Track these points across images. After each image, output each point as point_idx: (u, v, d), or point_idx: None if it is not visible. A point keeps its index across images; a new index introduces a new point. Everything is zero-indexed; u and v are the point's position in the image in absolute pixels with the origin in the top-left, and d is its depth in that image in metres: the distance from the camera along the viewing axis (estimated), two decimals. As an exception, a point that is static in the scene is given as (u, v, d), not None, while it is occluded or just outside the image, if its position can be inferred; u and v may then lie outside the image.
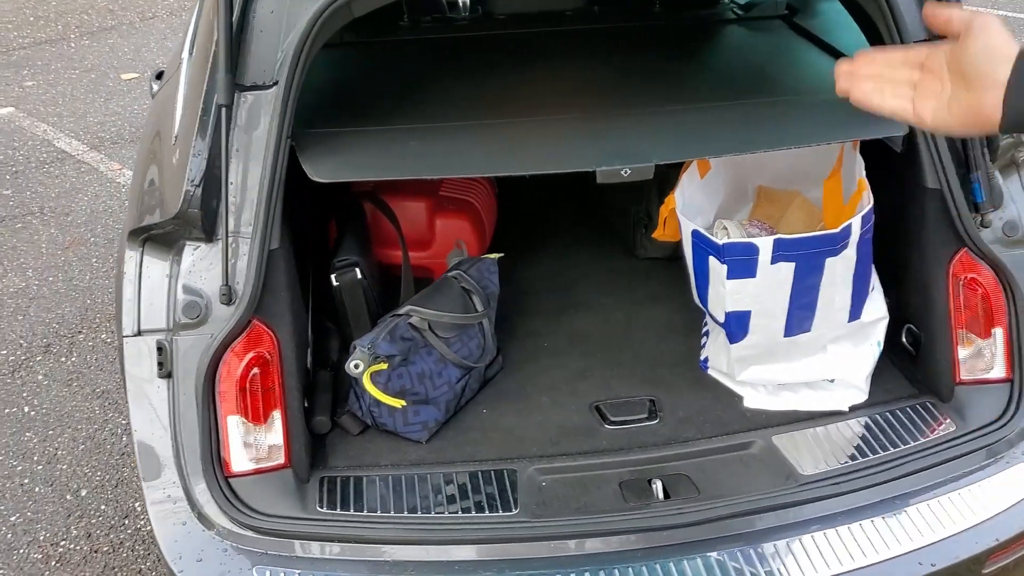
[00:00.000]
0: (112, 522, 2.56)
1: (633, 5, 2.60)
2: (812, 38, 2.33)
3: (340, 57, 2.31)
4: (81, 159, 4.77)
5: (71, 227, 4.10)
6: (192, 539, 1.61)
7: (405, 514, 1.68)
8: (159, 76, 2.61)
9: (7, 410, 2.98)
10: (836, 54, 2.19)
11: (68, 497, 2.64)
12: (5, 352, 3.25)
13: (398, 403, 1.77)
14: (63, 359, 3.23)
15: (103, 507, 2.62)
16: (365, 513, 1.68)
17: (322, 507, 1.69)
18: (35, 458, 2.78)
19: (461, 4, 2.54)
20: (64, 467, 2.75)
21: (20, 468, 2.74)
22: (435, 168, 1.78)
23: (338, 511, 1.69)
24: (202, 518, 1.62)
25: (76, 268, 3.77)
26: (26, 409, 2.98)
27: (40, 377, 3.13)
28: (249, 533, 1.62)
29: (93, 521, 2.57)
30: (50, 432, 2.88)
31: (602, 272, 2.47)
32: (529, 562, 1.61)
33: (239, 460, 1.69)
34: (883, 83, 0.93)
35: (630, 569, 1.59)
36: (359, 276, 1.98)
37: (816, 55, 2.25)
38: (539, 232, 2.68)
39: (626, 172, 1.69)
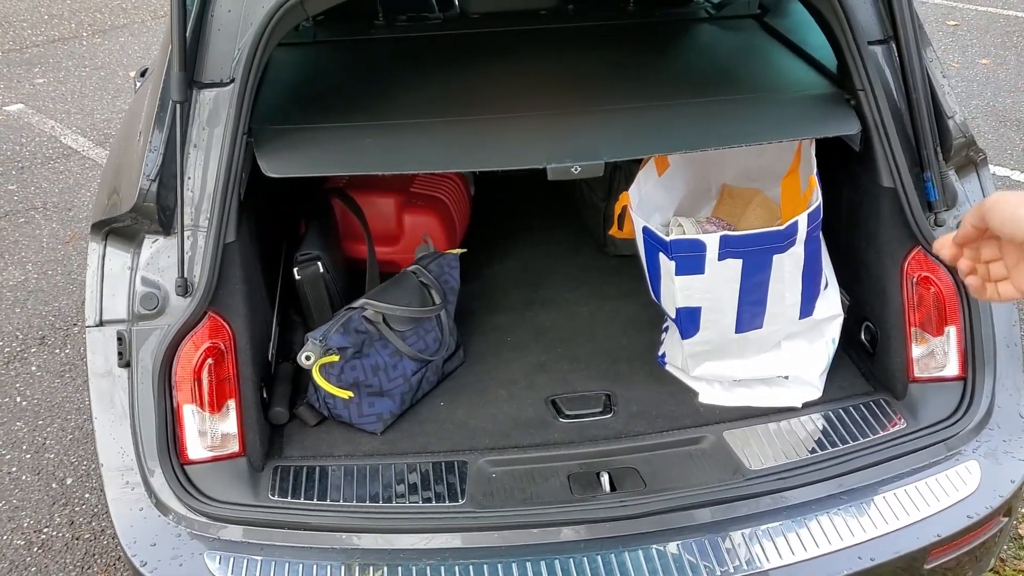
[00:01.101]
0: (95, 510, 2.62)
1: (607, 3, 2.62)
2: (781, 38, 2.34)
3: (311, 55, 2.35)
4: (86, 155, 4.85)
5: (73, 222, 4.17)
6: (148, 524, 1.65)
7: (354, 503, 1.72)
8: (143, 73, 2.66)
9: (-1, 400, 3.05)
10: (803, 54, 2.20)
11: (54, 485, 2.70)
12: (1, 343, 3.32)
13: (345, 394, 1.81)
14: (57, 351, 3.29)
15: (87, 495, 2.67)
16: (315, 502, 1.72)
17: (274, 495, 1.73)
18: (24, 447, 2.84)
19: (435, 3, 2.57)
20: (52, 456, 2.81)
21: (8, 456, 2.81)
22: (386, 164, 1.81)
23: (289, 499, 1.72)
24: (159, 504, 1.67)
25: (75, 262, 3.83)
26: (18, 399, 3.05)
27: (34, 368, 3.20)
28: (202, 519, 1.66)
29: (77, 509, 2.62)
30: (40, 422, 2.94)
31: (572, 268, 2.50)
32: (473, 551, 1.64)
33: (194, 448, 1.73)
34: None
35: (571, 560, 1.61)
36: (321, 270, 2.01)
37: (783, 55, 2.25)
38: (511, 228, 2.71)
39: (576, 169, 1.71)
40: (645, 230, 1.83)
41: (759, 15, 2.51)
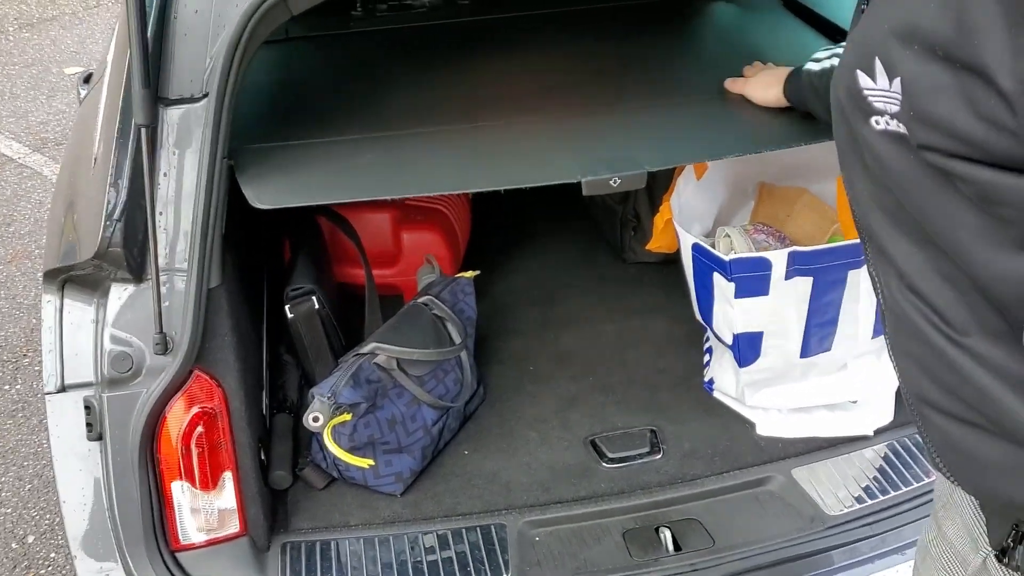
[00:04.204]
0: (64, 571, 2.34)
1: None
2: (809, 16, 2.11)
3: (286, 55, 2.05)
4: (23, 163, 4.47)
5: (13, 239, 3.82)
6: (135, 627, 1.40)
7: (380, 584, 1.48)
8: (87, 79, 2.34)
9: (-58, 449, 2.73)
10: (836, 32, 1.97)
11: (14, 545, 2.42)
12: (-60, 383, 3.00)
13: (366, 463, 1.55)
14: (6, 387, 2.98)
15: (52, 555, 2.39)
16: None
17: None
18: (-25, 502, 2.55)
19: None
20: (8, 511, 2.52)
21: (-42, 515, 2.51)
22: (396, 187, 1.55)
23: None
24: None
25: (20, 284, 3.50)
26: (-36, 447, 2.74)
27: (-20, 409, 2.89)
28: (201, 618, 1.41)
29: (42, 572, 2.35)
30: (-9, 472, 2.65)
31: (588, 280, 2.25)
32: None
33: (187, 531, 1.49)
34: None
35: (641, 639, 1.39)
36: (316, 306, 1.75)
37: (814, 37, 2.03)
38: (516, 237, 2.45)
39: (615, 182, 1.47)
40: (696, 248, 1.60)
41: (777, -9, 2.27)
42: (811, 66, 1.50)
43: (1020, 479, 0.82)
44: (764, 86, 1.60)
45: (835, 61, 1.45)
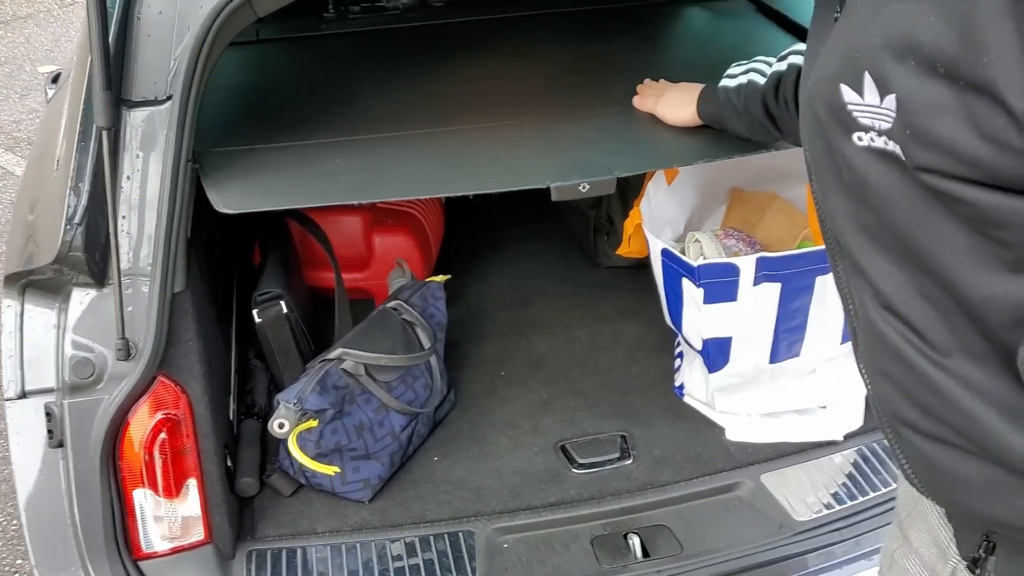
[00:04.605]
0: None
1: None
2: (783, 21, 2.11)
3: (255, 56, 2.03)
4: (-6, 162, 4.41)
5: (-15, 240, 3.76)
6: (96, 638, 1.38)
7: (347, 593, 1.46)
8: (55, 79, 2.31)
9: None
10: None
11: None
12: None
13: (331, 470, 1.54)
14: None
15: (19, 561, 2.35)
16: None
17: None
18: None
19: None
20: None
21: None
22: (363, 191, 1.53)
23: None
24: None
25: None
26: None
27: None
28: (164, 628, 1.39)
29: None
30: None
31: (562, 285, 2.24)
32: None
33: (150, 539, 1.46)
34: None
35: (608, 647, 1.38)
36: (285, 310, 1.73)
37: (786, 40, 2.03)
38: (490, 240, 2.43)
39: (584, 187, 1.46)
40: (666, 252, 1.60)
41: (752, -4, 2.27)
42: (727, 83, 1.45)
43: (1000, 497, 0.80)
44: (676, 106, 1.56)
45: (753, 76, 1.40)
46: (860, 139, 0.74)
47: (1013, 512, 0.80)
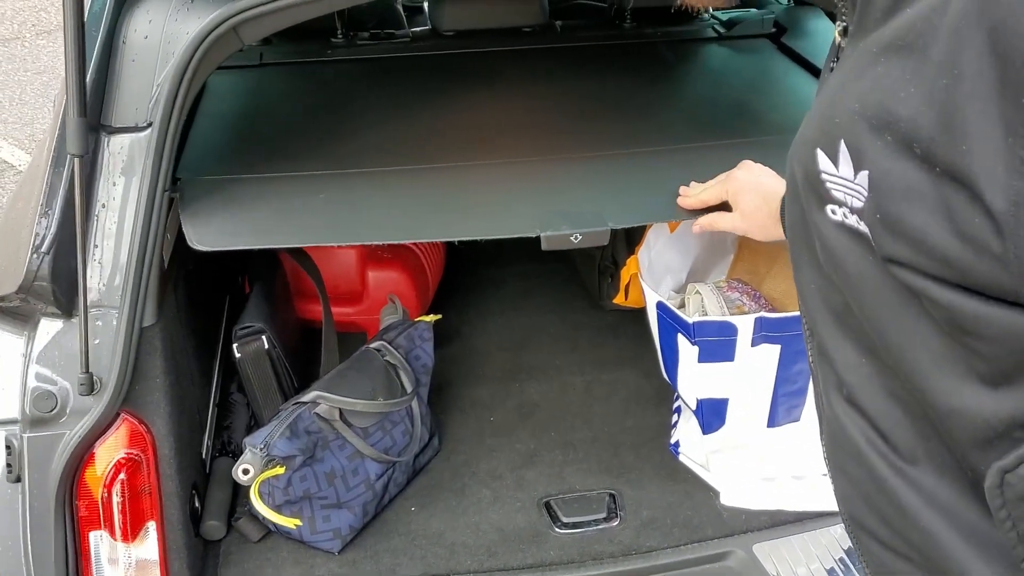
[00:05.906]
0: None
1: (600, 21, 2.30)
2: (803, 62, 2.03)
3: (256, 81, 1.99)
4: (24, 170, 4.44)
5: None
6: None
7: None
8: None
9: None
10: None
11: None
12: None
13: (292, 523, 1.47)
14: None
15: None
16: None
17: None
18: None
19: (404, 18, 2.23)
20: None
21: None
22: (344, 233, 1.47)
23: None
24: None
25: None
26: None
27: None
28: None
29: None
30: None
31: (563, 327, 2.16)
32: None
33: (103, 584, 1.40)
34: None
35: None
36: (266, 346, 1.67)
37: (808, 83, 1.94)
38: (490, 277, 2.36)
39: (576, 238, 1.39)
40: (661, 306, 1.51)
41: (774, 35, 2.20)
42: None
43: None
44: (761, 228, 1.35)
45: None
46: (834, 212, 0.65)
47: None
